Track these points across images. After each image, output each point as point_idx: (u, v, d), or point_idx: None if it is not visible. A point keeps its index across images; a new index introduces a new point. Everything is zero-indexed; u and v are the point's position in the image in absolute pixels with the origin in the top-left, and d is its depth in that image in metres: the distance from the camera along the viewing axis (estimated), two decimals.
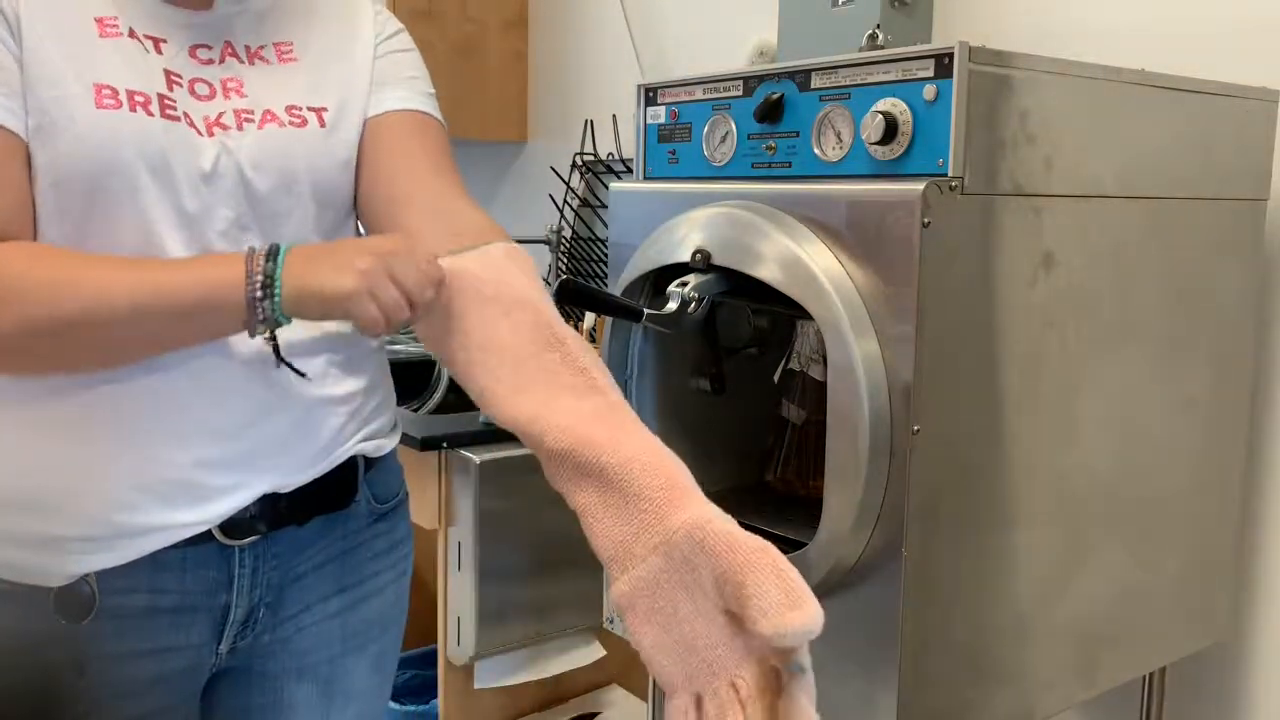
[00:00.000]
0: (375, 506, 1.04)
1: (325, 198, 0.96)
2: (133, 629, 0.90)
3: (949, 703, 1.02)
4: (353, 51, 1.00)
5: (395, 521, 1.07)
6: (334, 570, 1.01)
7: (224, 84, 0.92)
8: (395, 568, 1.07)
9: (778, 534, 1.11)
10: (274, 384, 0.92)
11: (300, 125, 0.94)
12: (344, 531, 1.01)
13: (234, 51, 0.94)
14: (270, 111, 0.93)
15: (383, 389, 1.05)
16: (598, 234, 2.29)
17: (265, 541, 0.95)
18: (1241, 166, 1.20)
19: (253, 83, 0.93)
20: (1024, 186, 0.98)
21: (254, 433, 0.91)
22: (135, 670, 0.91)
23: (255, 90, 0.93)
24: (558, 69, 2.53)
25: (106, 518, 0.87)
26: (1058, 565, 1.08)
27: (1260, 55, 1.30)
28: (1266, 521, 1.33)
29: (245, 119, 0.92)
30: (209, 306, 0.81)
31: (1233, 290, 1.21)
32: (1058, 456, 1.06)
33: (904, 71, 0.95)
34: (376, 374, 1.03)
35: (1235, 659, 1.36)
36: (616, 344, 1.23)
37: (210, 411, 0.89)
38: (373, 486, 1.03)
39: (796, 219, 1.01)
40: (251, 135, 0.91)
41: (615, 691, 2.06)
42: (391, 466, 1.08)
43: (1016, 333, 1.00)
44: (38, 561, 0.88)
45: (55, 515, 0.87)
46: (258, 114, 0.92)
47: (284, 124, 0.93)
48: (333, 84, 0.97)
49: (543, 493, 0.81)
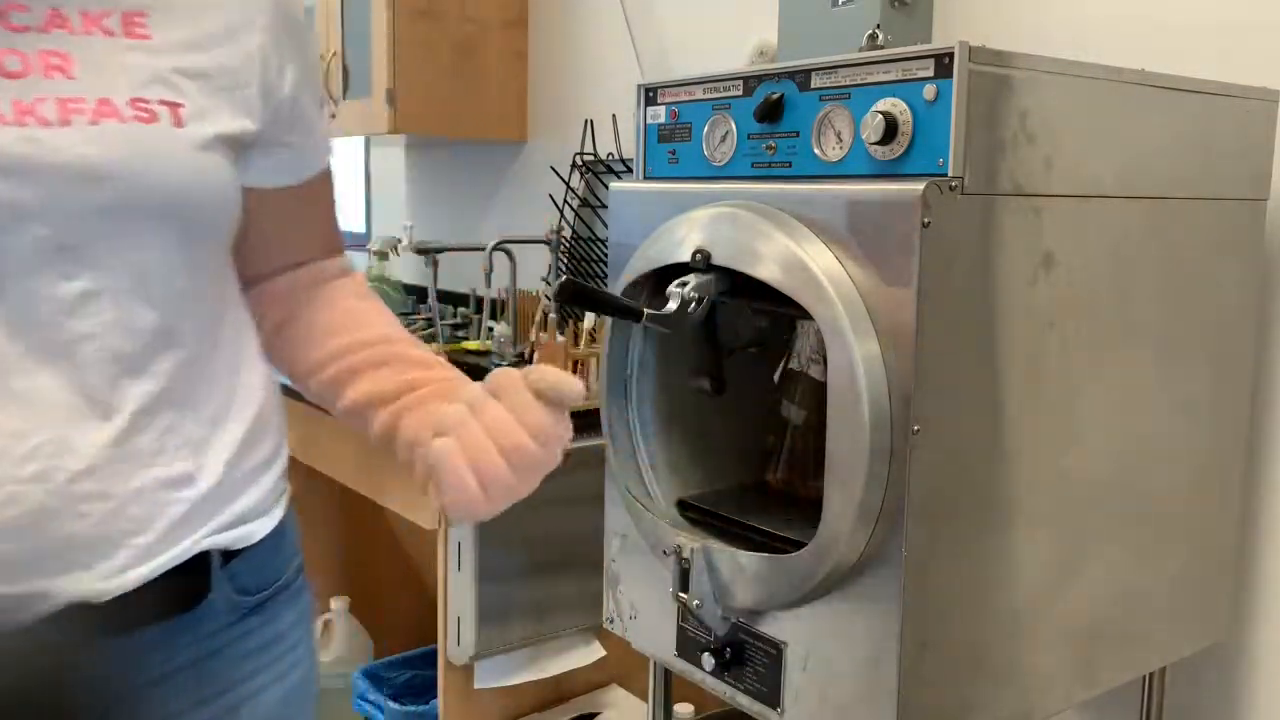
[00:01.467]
0: (239, 600, 0.83)
1: (189, 221, 0.77)
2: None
3: (949, 702, 1.02)
4: (238, 36, 0.81)
5: (274, 612, 0.87)
6: (188, 680, 0.80)
7: (44, 59, 0.72)
8: (272, 669, 0.86)
9: (778, 534, 1.11)
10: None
11: (147, 122, 0.74)
12: (195, 636, 0.80)
13: (62, 17, 0.73)
14: (108, 102, 0.73)
15: (264, 445, 0.85)
16: (598, 234, 2.29)
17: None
18: (1241, 166, 1.20)
19: (85, 61, 0.73)
20: (1024, 186, 0.98)
21: (42, 530, 0.69)
22: None
23: (87, 72, 0.73)
24: (558, 69, 2.53)
25: None
26: (1057, 565, 1.08)
27: (1260, 55, 1.30)
28: (1266, 522, 1.33)
29: (73, 110, 0.71)
30: None
31: (1233, 290, 1.21)
32: (1058, 456, 1.06)
33: (904, 71, 0.95)
34: (253, 427, 0.84)
35: (1235, 659, 1.36)
36: (616, 344, 1.23)
37: None
38: (237, 579, 0.82)
39: (796, 219, 1.01)
40: (81, 132, 0.71)
41: (615, 691, 2.06)
42: (270, 548, 0.86)
43: (1016, 333, 1.00)
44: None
45: None
46: (90, 104, 0.72)
47: (125, 119, 0.73)
48: (201, 75, 0.78)
49: (543, 493, 0.81)
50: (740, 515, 1.18)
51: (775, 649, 1.09)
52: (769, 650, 1.09)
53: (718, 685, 1.16)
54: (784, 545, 1.08)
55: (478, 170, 2.82)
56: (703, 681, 1.18)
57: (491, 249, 2.12)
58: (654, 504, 1.22)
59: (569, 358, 1.82)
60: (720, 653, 1.13)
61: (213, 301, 0.83)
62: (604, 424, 1.25)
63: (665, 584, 1.16)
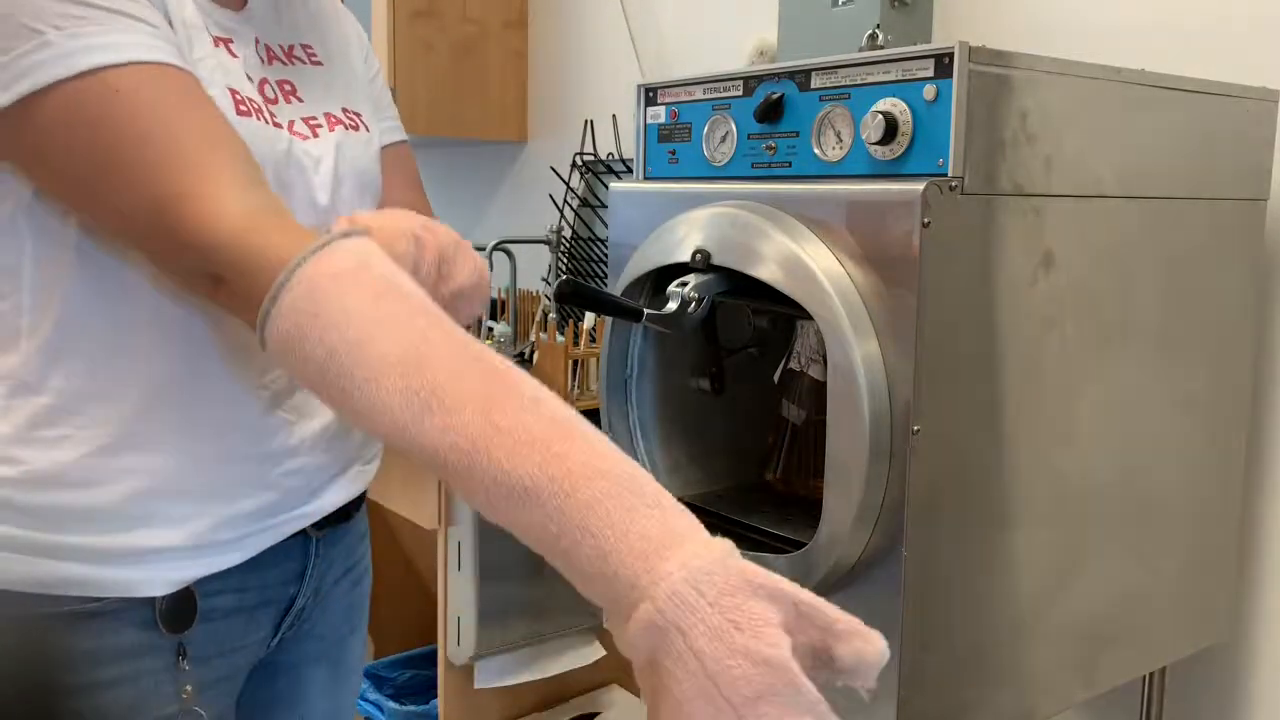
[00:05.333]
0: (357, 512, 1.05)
1: (377, 193, 0.95)
2: (218, 631, 0.86)
3: (949, 702, 1.02)
4: (350, 59, 0.98)
5: (359, 526, 1.07)
6: (341, 552, 1.01)
7: (280, 87, 0.87)
8: (369, 546, 1.08)
9: (778, 534, 1.11)
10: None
11: (355, 129, 0.91)
12: (346, 532, 1.02)
13: (274, 53, 0.88)
14: (330, 115, 0.89)
15: None
16: (598, 234, 2.29)
17: (335, 530, 0.95)
18: (1241, 166, 1.20)
19: (302, 85, 0.89)
20: (1024, 186, 0.98)
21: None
22: (210, 673, 0.86)
23: (307, 93, 0.89)
24: (558, 69, 2.53)
25: (223, 522, 0.83)
26: (1057, 565, 1.08)
27: (1260, 55, 1.30)
28: (1266, 521, 1.33)
29: (313, 124, 0.87)
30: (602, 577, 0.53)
31: (1232, 290, 1.21)
32: (1057, 456, 1.06)
33: (904, 71, 0.95)
34: None
35: (1235, 659, 1.36)
36: (616, 344, 1.23)
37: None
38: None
39: (796, 219, 1.01)
40: (326, 141, 0.87)
41: (615, 691, 2.06)
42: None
43: (1016, 333, 1.00)
44: (139, 575, 0.81)
45: (167, 527, 0.80)
46: (321, 118, 0.88)
47: (346, 127, 0.90)
48: (354, 91, 0.95)
49: None
50: (740, 515, 1.18)
51: None
52: None
53: None
54: (784, 545, 1.08)
55: (478, 170, 2.81)
56: None
57: (491, 249, 2.12)
58: None
59: (569, 358, 1.82)
60: None
61: None
62: (604, 424, 1.25)
63: None
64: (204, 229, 0.66)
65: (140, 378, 0.78)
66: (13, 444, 0.77)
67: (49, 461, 0.77)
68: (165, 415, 0.79)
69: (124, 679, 0.81)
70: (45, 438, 0.77)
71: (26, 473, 0.76)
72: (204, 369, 0.81)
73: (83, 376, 0.77)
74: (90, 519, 0.78)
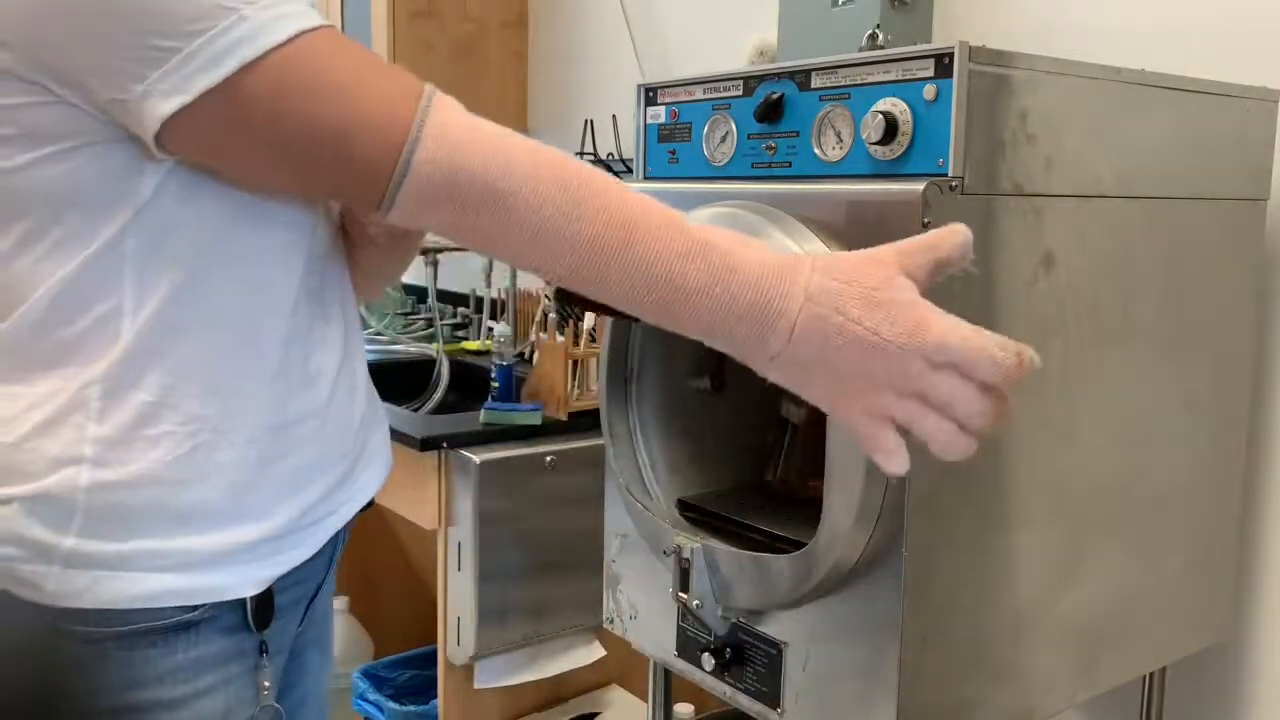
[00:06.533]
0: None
1: None
2: (284, 626, 0.86)
3: (949, 702, 1.02)
4: None
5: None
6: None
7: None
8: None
9: (778, 534, 1.11)
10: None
11: None
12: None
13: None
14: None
15: None
16: None
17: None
18: (1241, 166, 1.20)
19: None
20: (1024, 186, 0.98)
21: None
22: (276, 669, 0.86)
23: None
24: (558, 69, 2.53)
25: (304, 510, 0.83)
26: (1058, 565, 1.08)
27: (1260, 55, 1.30)
28: (1267, 521, 1.33)
29: None
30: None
31: (1233, 290, 1.21)
32: (1058, 456, 1.06)
33: (904, 71, 0.95)
34: None
35: (1235, 659, 1.36)
36: (616, 344, 1.23)
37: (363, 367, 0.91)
38: None
39: (796, 219, 1.01)
40: None
41: (615, 691, 2.06)
42: None
43: (1016, 333, 0.99)
44: (233, 577, 0.79)
45: (257, 521, 0.80)
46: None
47: None
48: None
49: (543, 493, 0.81)
50: (740, 515, 1.18)
51: (775, 649, 1.09)
52: (769, 650, 1.09)
53: (718, 685, 1.16)
54: (784, 545, 1.08)
55: None
56: (702, 681, 1.18)
57: None
58: (654, 504, 1.22)
59: (569, 358, 1.82)
60: (720, 653, 1.13)
61: None
62: (604, 424, 1.25)
63: (665, 584, 1.16)
64: (400, 135, 0.70)
65: (231, 372, 0.79)
66: (114, 445, 0.74)
67: (148, 461, 0.75)
68: (254, 404, 0.79)
69: (216, 687, 0.80)
70: (147, 436, 0.75)
71: (123, 475, 0.74)
72: (291, 355, 0.82)
73: (179, 375, 0.76)
74: (186, 520, 0.76)
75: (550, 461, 1.74)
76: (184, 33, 0.67)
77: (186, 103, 0.68)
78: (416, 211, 0.71)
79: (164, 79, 0.68)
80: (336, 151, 0.71)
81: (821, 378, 0.68)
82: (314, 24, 0.71)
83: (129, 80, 0.68)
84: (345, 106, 0.70)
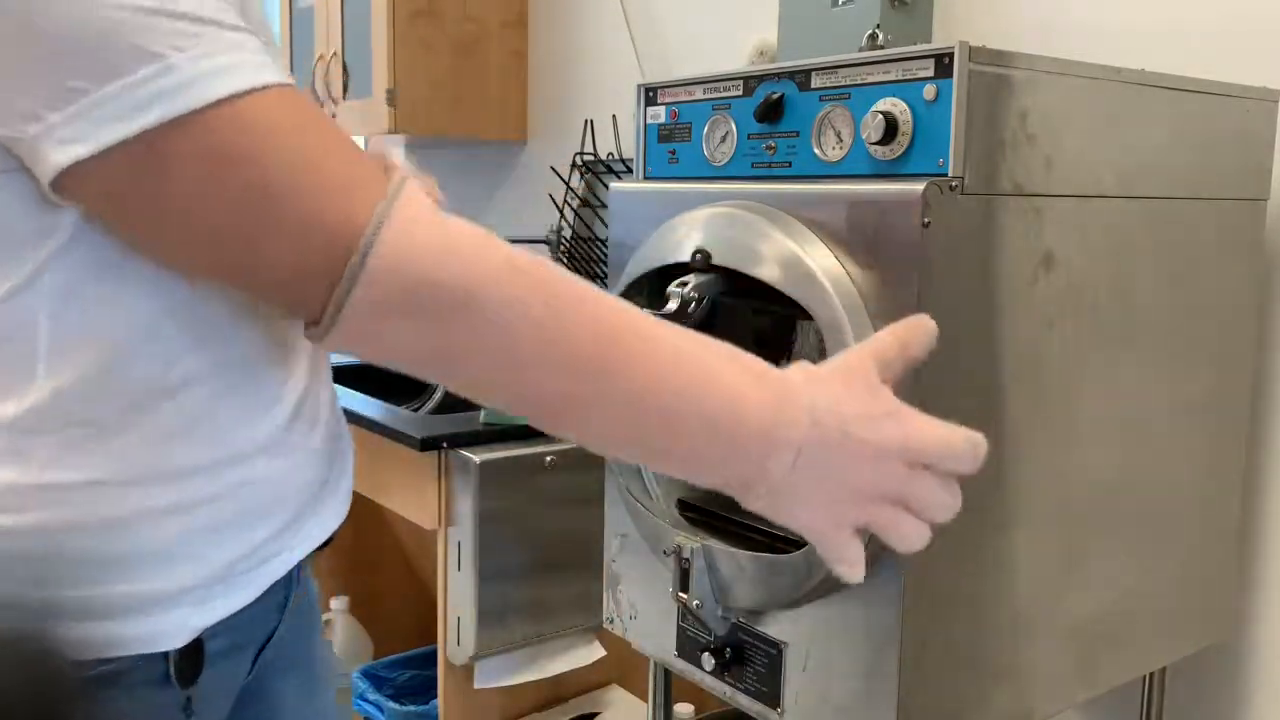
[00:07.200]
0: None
1: None
2: (217, 678, 0.77)
3: (948, 702, 1.02)
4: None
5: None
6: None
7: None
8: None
9: (778, 534, 1.11)
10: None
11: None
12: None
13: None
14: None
15: None
16: (598, 234, 2.29)
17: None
18: (1241, 166, 1.20)
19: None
20: (1024, 186, 0.98)
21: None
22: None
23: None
24: (558, 69, 2.53)
25: (243, 554, 0.74)
26: (1057, 565, 1.08)
27: (1260, 55, 1.30)
28: (1267, 521, 1.33)
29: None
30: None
31: (1233, 290, 1.21)
32: (1058, 456, 1.06)
33: (904, 71, 0.95)
34: None
35: (1235, 659, 1.36)
36: None
37: (327, 393, 0.81)
38: None
39: (796, 219, 1.01)
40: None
41: (615, 691, 2.06)
42: None
43: (1016, 333, 1.00)
44: (161, 625, 0.71)
45: (189, 564, 0.71)
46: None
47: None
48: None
49: (543, 493, 0.81)
50: (740, 515, 1.18)
51: (775, 649, 1.09)
52: (769, 650, 1.09)
53: (718, 685, 1.16)
54: (784, 545, 1.08)
55: (478, 170, 2.81)
56: (702, 681, 1.18)
57: None
58: (654, 504, 1.22)
59: None
60: (720, 653, 1.13)
61: None
62: None
63: (665, 584, 1.16)
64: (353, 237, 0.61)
65: (162, 399, 0.70)
66: (17, 492, 0.67)
67: (62, 509, 0.67)
68: (187, 442, 0.71)
69: None
70: (59, 483, 0.67)
71: (38, 521, 0.67)
72: (232, 382, 0.73)
73: (98, 420, 0.68)
74: (114, 565, 0.69)
75: (550, 461, 1.74)
76: (97, 73, 0.57)
77: (88, 154, 0.58)
78: (366, 325, 0.61)
79: (67, 123, 0.58)
80: (270, 243, 0.60)
81: (806, 498, 0.67)
82: (264, 81, 0.61)
83: (24, 119, 0.58)
84: (290, 189, 0.60)
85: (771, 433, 0.66)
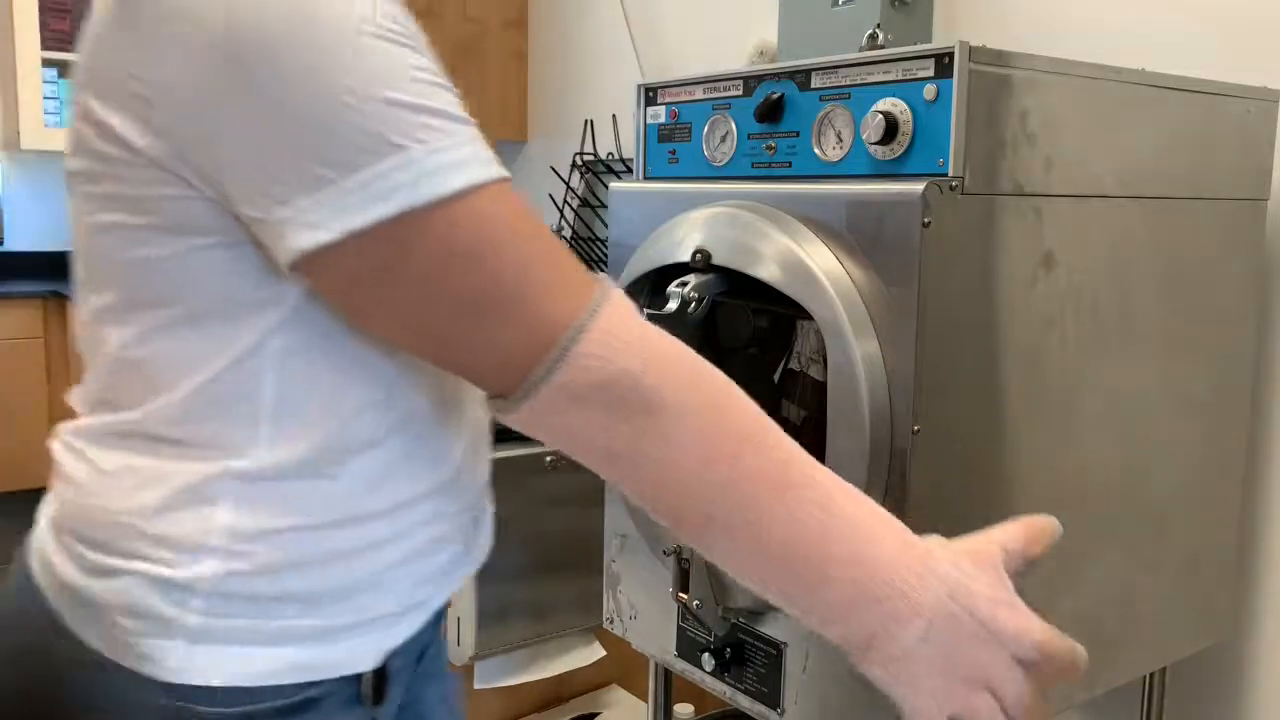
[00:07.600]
0: None
1: None
2: (392, 697, 0.79)
3: None
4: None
5: None
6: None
7: None
8: None
9: None
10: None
11: None
12: None
13: None
14: None
15: None
16: (598, 234, 2.29)
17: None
18: (1241, 166, 1.20)
19: None
20: (1024, 186, 0.98)
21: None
22: None
23: None
24: (558, 69, 2.53)
25: (425, 579, 0.77)
26: (1058, 565, 1.08)
27: (1260, 55, 1.30)
28: (1267, 521, 1.33)
29: None
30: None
31: (1233, 290, 1.21)
32: (1058, 456, 1.06)
33: (904, 71, 0.95)
34: None
35: (1235, 659, 1.36)
36: None
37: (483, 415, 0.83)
38: None
39: (796, 219, 1.01)
40: None
41: (615, 691, 2.06)
42: None
43: (1017, 332, 1.00)
44: (359, 648, 0.74)
45: (386, 591, 0.74)
46: None
47: None
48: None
49: (543, 493, 0.81)
50: None
51: (775, 649, 1.09)
52: (769, 650, 1.09)
53: (718, 685, 1.16)
54: None
55: None
56: (702, 681, 1.18)
57: None
58: None
59: None
60: (720, 653, 1.13)
61: None
62: None
63: (665, 584, 1.16)
64: (567, 329, 0.64)
65: (369, 449, 0.73)
66: (243, 538, 0.70)
67: (279, 553, 0.70)
68: (390, 487, 0.74)
69: None
70: (277, 529, 0.71)
71: (253, 566, 0.70)
72: (420, 432, 0.76)
73: (313, 467, 0.71)
74: (315, 601, 0.72)
75: (550, 461, 1.74)
76: (344, 162, 0.59)
77: (328, 241, 0.60)
78: (558, 406, 0.64)
79: (313, 209, 0.60)
80: (491, 333, 0.63)
81: (926, 672, 0.67)
82: (490, 176, 0.64)
83: (275, 203, 0.60)
84: (517, 282, 0.62)
85: (909, 595, 0.65)
